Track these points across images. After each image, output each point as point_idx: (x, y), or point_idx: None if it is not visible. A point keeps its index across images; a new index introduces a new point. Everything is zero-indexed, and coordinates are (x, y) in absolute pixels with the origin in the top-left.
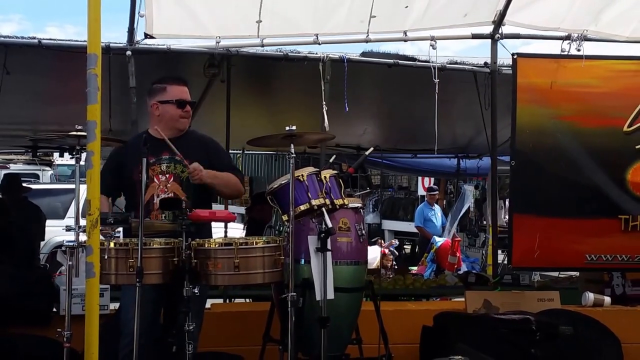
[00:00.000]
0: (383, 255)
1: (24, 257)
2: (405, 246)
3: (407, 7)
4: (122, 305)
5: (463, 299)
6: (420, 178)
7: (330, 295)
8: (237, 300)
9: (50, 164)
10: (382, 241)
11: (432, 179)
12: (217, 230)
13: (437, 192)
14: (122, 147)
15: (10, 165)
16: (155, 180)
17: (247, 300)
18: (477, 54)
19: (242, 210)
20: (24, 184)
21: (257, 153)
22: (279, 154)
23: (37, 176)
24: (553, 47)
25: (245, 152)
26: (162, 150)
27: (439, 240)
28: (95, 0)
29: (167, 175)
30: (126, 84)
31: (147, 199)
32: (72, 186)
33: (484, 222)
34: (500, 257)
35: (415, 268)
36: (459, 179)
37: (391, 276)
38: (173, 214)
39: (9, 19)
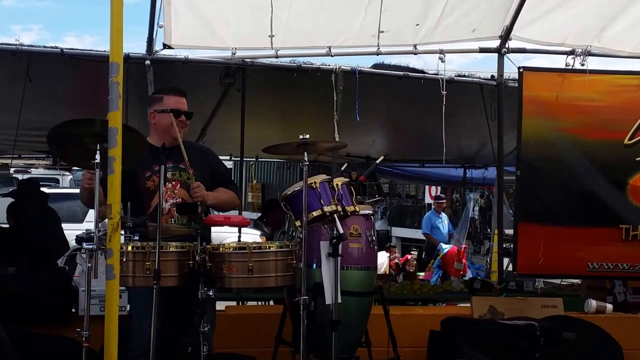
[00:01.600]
0: (407, 260)
1: (42, 259)
2: (412, 252)
3: (417, 25)
4: (131, 314)
5: (469, 305)
6: (427, 187)
7: (337, 299)
8: (250, 303)
9: (69, 169)
10: (396, 250)
11: (439, 188)
12: (231, 235)
13: (444, 201)
14: None
15: (31, 169)
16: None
17: (260, 303)
18: (481, 68)
19: (254, 215)
20: (42, 190)
21: (269, 161)
22: (290, 162)
23: (57, 181)
24: (554, 62)
25: (259, 159)
26: (166, 158)
27: (446, 247)
28: (117, 11)
29: (173, 183)
30: (144, 92)
31: (155, 204)
32: None
33: (489, 230)
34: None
35: (422, 274)
36: (465, 188)
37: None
38: (188, 218)
39: (29, 29)
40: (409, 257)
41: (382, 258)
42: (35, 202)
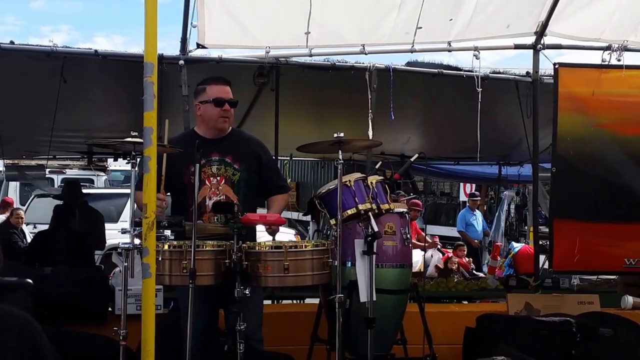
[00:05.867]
0: (449, 258)
1: (83, 259)
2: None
3: (451, 19)
4: (180, 312)
5: (504, 302)
6: (462, 184)
7: (372, 297)
8: (284, 302)
9: (104, 169)
10: (464, 249)
11: (474, 185)
12: (265, 233)
13: (478, 198)
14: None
15: (66, 170)
16: (207, 182)
17: (295, 301)
18: (513, 64)
19: (289, 214)
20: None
21: (303, 159)
22: (325, 160)
23: (92, 181)
24: (586, 58)
25: (293, 158)
26: (212, 151)
27: (517, 246)
28: (152, 12)
29: (218, 178)
30: (177, 92)
31: (199, 201)
32: (125, 191)
33: (524, 227)
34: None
35: (480, 273)
36: (500, 185)
37: (457, 279)
38: (225, 217)
39: (58, 30)
40: (451, 255)
41: (417, 256)
42: (75, 203)
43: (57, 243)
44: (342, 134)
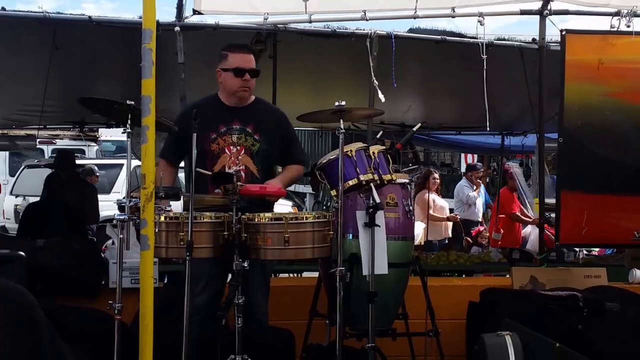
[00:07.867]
0: (478, 232)
1: (76, 231)
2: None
3: None
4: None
5: (507, 275)
6: (463, 155)
7: (384, 270)
8: (281, 275)
9: (95, 139)
10: None
11: (476, 156)
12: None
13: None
14: (189, 110)
15: (57, 140)
16: (227, 151)
17: (292, 275)
18: (516, 31)
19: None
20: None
21: (300, 129)
22: (323, 130)
23: (82, 152)
24: (595, 24)
25: None
26: (233, 119)
27: None
28: None
29: (239, 147)
30: (172, 60)
31: (218, 169)
32: (117, 161)
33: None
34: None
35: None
36: (503, 156)
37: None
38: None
39: None
40: (481, 229)
41: (419, 229)
42: (67, 174)
43: (50, 215)
44: (343, 103)
